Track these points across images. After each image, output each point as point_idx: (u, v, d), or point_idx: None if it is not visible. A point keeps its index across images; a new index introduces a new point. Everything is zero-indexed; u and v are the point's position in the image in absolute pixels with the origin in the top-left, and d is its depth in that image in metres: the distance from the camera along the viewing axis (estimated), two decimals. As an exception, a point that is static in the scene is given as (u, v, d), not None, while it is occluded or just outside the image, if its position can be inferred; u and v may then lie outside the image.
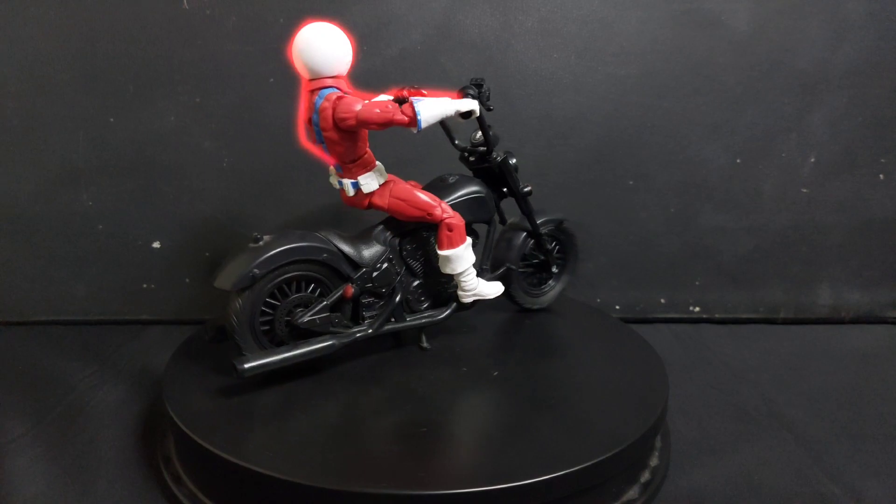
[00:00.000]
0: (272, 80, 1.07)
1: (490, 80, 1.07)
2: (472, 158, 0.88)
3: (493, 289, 0.86)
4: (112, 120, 1.08)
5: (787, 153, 1.14)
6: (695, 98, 1.11)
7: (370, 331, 0.80)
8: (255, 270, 0.73)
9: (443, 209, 0.79)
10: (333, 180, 0.79)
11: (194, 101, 1.08)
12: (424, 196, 0.79)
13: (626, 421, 0.71)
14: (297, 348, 0.75)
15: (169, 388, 0.76)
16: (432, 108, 0.74)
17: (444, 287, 0.86)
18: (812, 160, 1.15)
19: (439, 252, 0.80)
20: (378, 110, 0.72)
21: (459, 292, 0.84)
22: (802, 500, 0.72)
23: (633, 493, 0.71)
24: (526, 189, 0.89)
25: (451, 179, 0.86)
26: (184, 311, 1.15)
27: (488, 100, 0.80)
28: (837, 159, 1.15)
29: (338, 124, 0.72)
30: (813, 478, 0.76)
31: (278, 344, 0.77)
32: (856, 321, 1.19)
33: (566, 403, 0.74)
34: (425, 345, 0.85)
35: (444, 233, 0.79)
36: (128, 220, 1.12)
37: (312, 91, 0.73)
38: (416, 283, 0.83)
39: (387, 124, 0.73)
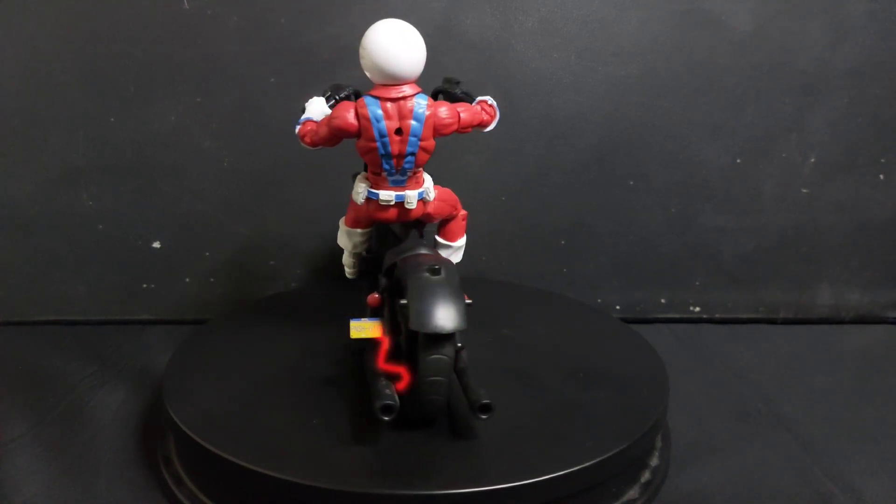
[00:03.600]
0: (273, 80, 1.07)
1: (490, 80, 1.08)
2: None
3: None
4: (112, 120, 1.08)
5: (787, 153, 1.14)
6: (695, 98, 1.11)
7: None
8: (469, 301, 0.65)
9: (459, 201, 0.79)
10: (386, 195, 0.71)
11: (195, 101, 1.08)
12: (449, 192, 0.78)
13: (626, 421, 0.71)
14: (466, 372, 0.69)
15: (169, 388, 0.76)
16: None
17: None
18: (812, 160, 1.15)
19: (453, 244, 0.80)
20: (469, 113, 0.71)
21: None
22: (802, 500, 0.72)
23: (633, 492, 0.71)
24: None
25: None
26: (184, 311, 1.15)
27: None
28: (837, 159, 1.15)
29: (436, 131, 0.69)
30: (813, 478, 0.76)
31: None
32: (856, 321, 1.19)
33: (566, 403, 0.74)
34: None
35: (461, 224, 0.79)
36: (128, 220, 1.12)
37: (403, 97, 0.67)
38: None
39: (476, 126, 0.72)
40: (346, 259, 0.84)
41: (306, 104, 0.74)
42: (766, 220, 1.16)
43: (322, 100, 0.74)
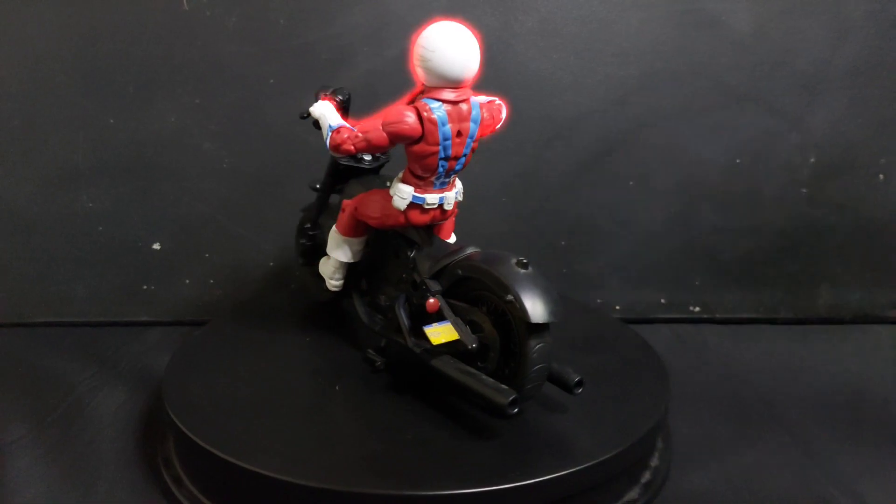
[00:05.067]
0: (272, 80, 1.07)
1: (490, 79, 1.08)
2: (368, 158, 0.86)
3: None
4: (112, 121, 1.08)
5: (787, 153, 1.14)
6: (695, 98, 1.11)
7: None
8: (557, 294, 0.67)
9: None
10: (432, 198, 0.70)
11: (194, 102, 1.08)
12: None
13: (626, 421, 0.71)
14: None
15: (169, 388, 0.76)
16: None
17: None
18: (812, 160, 1.15)
19: (447, 241, 0.80)
20: (499, 113, 0.72)
21: None
22: (802, 501, 0.72)
23: (633, 493, 0.71)
24: None
25: (378, 181, 0.83)
26: (183, 312, 1.15)
27: None
28: (837, 159, 1.15)
29: (482, 133, 0.69)
30: (812, 479, 0.76)
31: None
32: (856, 321, 1.19)
33: (566, 404, 0.74)
34: None
35: (453, 220, 0.79)
36: (128, 221, 1.12)
37: (462, 100, 0.67)
38: None
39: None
40: (334, 271, 0.82)
41: (313, 111, 0.73)
42: (766, 220, 1.16)
43: (330, 104, 0.73)
